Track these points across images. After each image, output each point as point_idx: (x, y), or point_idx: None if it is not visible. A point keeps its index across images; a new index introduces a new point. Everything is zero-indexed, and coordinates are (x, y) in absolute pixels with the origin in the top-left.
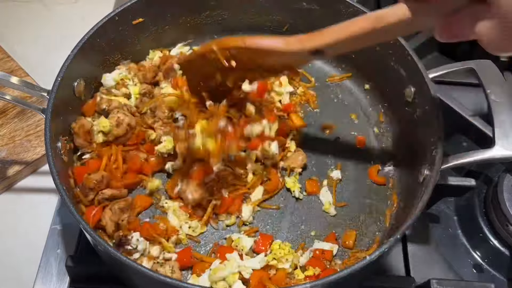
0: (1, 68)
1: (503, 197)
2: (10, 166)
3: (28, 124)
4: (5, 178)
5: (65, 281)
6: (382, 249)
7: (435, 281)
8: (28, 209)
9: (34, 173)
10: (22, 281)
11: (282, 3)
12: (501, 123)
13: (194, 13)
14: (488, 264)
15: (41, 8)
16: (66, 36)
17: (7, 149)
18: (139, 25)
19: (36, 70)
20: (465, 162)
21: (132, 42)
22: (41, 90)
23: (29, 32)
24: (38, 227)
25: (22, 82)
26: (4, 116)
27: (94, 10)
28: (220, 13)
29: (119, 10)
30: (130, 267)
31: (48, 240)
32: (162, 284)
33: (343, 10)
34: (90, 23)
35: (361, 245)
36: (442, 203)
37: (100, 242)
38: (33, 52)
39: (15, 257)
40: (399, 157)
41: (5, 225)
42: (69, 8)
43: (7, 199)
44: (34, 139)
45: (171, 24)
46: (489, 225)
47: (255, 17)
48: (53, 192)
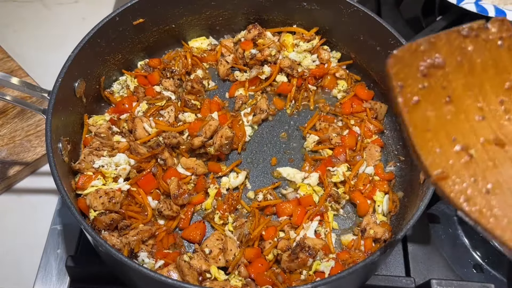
0: (1, 68)
1: None
2: (10, 166)
3: (28, 124)
4: (5, 178)
5: (65, 281)
6: (382, 249)
7: (435, 281)
8: (28, 209)
9: (34, 173)
10: (22, 281)
11: (282, 3)
12: None
13: (194, 13)
14: (488, 264)
15: (41, 8)
16: (66, 36)
17: (7, 149)
18: (140, 25)
19: (36, 70)
20: None
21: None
22: (42, 90)
23: (29, 32)
24: (38, 227)
25: (22, 82)
26: (4, 116)
27: (94, 10)
28: (221, 12)
29: (119, 10)
30: (130, 268)
31: (48, 240)
32: (162, 285)
33: (343, 10)
34: (90, 23)
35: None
36: (442, 203)
37: (100, 242)
38: (33, 52)
39: (15, 257)
40: (401, 157)
41: (5, 225)
42: (69, 8)
43: (7, 199)
44: (34, 139)
45: (171, 24)
46: None
47: (256, 17)
48: (53, 192)
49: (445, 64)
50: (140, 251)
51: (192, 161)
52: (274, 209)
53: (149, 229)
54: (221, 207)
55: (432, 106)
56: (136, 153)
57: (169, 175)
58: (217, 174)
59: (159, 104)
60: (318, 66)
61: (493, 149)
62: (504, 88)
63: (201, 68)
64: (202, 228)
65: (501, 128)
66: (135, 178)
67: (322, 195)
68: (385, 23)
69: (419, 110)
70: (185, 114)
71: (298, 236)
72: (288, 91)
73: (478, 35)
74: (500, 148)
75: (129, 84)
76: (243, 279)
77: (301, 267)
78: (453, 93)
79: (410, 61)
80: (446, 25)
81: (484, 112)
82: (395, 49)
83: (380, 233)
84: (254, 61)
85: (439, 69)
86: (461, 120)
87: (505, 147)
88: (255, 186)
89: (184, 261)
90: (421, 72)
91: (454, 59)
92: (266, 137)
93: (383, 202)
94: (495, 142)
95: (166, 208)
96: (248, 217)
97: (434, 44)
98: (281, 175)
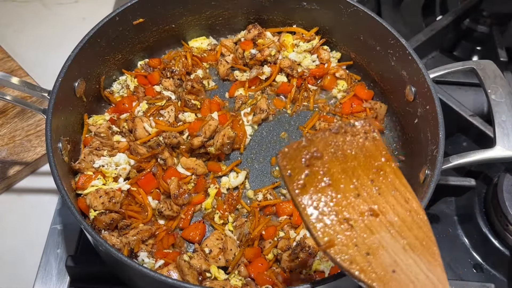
0: (1, 68)
1: (503, 197)
2: (10, 166)
3: (29, 124)
4: (5, 178)
5: (65, 281)
6: None
7: None
8: (28, 209)
9: (34, 173)
10: (22, 280)
11: (282, 3)
12: (501, 123)
13: (194, 13)
14: (488, 264)
15: (41, 8)
16: (66, 36)
17: (7, 149)
18: (140, 25)
19: (36, 70)
20: (466, 162)
21: (132, 42)
22: (42, 90)
23: (29, 32)
24: (38, 227)
25: (22, 82)
26: (4, 116)
27: (94, 10)
28: (221, 12)
29: (119, 10)
30: (131, 268)
31: (48, 240)
32: (163, 284)
33: (343, 10)
34: (90, 23)
35: None
36: (442, 203)
37: (101, 242)
38: (33, 52)
39: (15, 257)
40: (401, 157)
41: (5, 225)
42: (69, 8)
43: (7, 199)
44: (34, 139)
45: (171, 24)
46: (489, 225)
47: (255, 17)
48: (53, 192)
49: (322, 155)
50: (140, 251)
51: (192, 161)
52: (274, 209)
53: (149, 228)
54: (221, 207)
55: (316, 189)
56: (136, 153)
57: (169, 175)
58: (217, 174)
59: (159, 104)
60: (318, 66)
61: (368, 219)
62: (373, 170)
63: (201, 68)
64: (202, 228)
65: (374, 202)
66: (135, 178)
67: None
68: (385, 23)
69: (306, 192)
70: (185, 114)
71: (298, 235)
72: (288, 91)
73: (346, 131)
74: (375, 218)
75: (129, 84)
76: (243, 278)
77: (301, 267)
78: (332, 177)
79: (295, 155)
80: (446, 24)
81: (358, 190)
82: (395, 49)
83: None
84: (254, 61)
85: (318, 159)
86: (341, 198)
87: (379, 216)
88: (255, 186)
89: (184, 261)
90: (304, 163)
91: (329, 151)
92: (266, 137)
93: None
94: (369, 213)
95: (167, 208)
96: (248, 216)
97: (312, 141)
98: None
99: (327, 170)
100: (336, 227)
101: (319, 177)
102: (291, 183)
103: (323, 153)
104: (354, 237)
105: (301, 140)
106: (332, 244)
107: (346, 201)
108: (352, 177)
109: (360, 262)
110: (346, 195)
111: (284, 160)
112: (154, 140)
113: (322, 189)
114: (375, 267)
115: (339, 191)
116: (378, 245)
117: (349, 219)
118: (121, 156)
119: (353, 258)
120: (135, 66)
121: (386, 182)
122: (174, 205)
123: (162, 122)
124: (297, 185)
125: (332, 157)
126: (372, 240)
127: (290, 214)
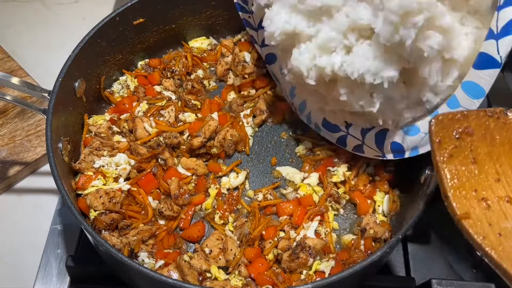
0: (1, 68)
1: None
2: (10, 166)
3: (29, 124)
4: (5, 178)
5: (65, 281)
6: (382, 249)
7: (435, 281)
8: (28, 209)
9: (34, 173)
10: (22, 280)
11: None
12: None
13: (194, 13)
14: (488, 264)
15: (41, 8)
16: (66, 36)
17: (7, 149)
18: (140, 25)
19: (36, 70)
20: None
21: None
22: (42, 90)
23: (29, 32)
24: (38, 227)
25: (22, 82)
26: (4, 116)
27: (94, 10)
28: (221, 13)
29: (119, 10)
30: (131, 268)
31: (48, 240)
32: (163, 284)
33: None
34: (90, 23)
35: None
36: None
37: (101, 242)
38: (33, 52)
39: (16, 257)
40: None
41: (5, 225)
42: (69, 8)
43: (7, 199)
44: (35, 139)
45: (171, 24)
46: None
47: None
48: (53, 192)
49: (473, 133)
50: (140, 251)
51: (193, 162)
52: (274, 209)
53: (150, 229)
54: (221, 207)
55: (461, 162)
56: (136, 153)
57: (170, 175)
58: (217, 174)
59: (159, 104)
60: None
61: (505, 205)
62: None
63: (201, 68)
64: (202, 228)
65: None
66: (136, 178)
67: (322, 195)
68: None
69: (451, 163)
70: (186, 114)
71: (298, 236)
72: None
73: (499, 117)
74: (511, 205)
75: (129, 84)
76: (243, 278)
77: (302, 267)
78: (477, 156)
79: (448, 125)
80: None
81: (499, 175)
82: None
83: (380, 232)
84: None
85: (468, 136)
86: (482, 178)
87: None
88: (255, 186)
89: (185, 261)
90: (455, 135)
91: (480, 131)
92: (266, 137)
93: (384, 202)
94: (507, 200)
95: (167, 208)
96: (248, 217)
97: (467, 116)
98: (281, 175)
99: (474, 149)
100: (473, 203)
101: (466, 153)
102: (438, 150)
103: (474, 132)
104: (490, 216)
105: (456, 112)
106: (468, 216)
107: (486, 183)
108: (496, 163)
109: (492, 240)
110: (488, 177)
111: (437, 126)
112: (155, 140)
113: (467, 164)
114: (506, 247)
115: (482, 172)
116: (511, 230)
117: (487, 199)
118: (121, 156)
119: (487, 235)
120: (135, 66)
121: None
122: (175, 205)
123: (162, 122)
124: (444, 154)
125: (481, 137)
126: (506, 224)
127: (290, 214)
